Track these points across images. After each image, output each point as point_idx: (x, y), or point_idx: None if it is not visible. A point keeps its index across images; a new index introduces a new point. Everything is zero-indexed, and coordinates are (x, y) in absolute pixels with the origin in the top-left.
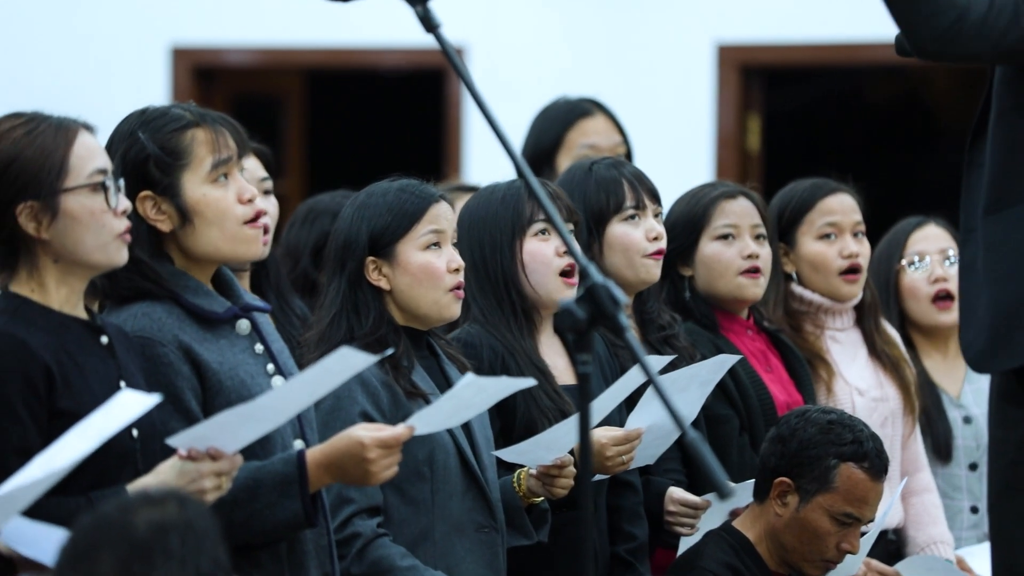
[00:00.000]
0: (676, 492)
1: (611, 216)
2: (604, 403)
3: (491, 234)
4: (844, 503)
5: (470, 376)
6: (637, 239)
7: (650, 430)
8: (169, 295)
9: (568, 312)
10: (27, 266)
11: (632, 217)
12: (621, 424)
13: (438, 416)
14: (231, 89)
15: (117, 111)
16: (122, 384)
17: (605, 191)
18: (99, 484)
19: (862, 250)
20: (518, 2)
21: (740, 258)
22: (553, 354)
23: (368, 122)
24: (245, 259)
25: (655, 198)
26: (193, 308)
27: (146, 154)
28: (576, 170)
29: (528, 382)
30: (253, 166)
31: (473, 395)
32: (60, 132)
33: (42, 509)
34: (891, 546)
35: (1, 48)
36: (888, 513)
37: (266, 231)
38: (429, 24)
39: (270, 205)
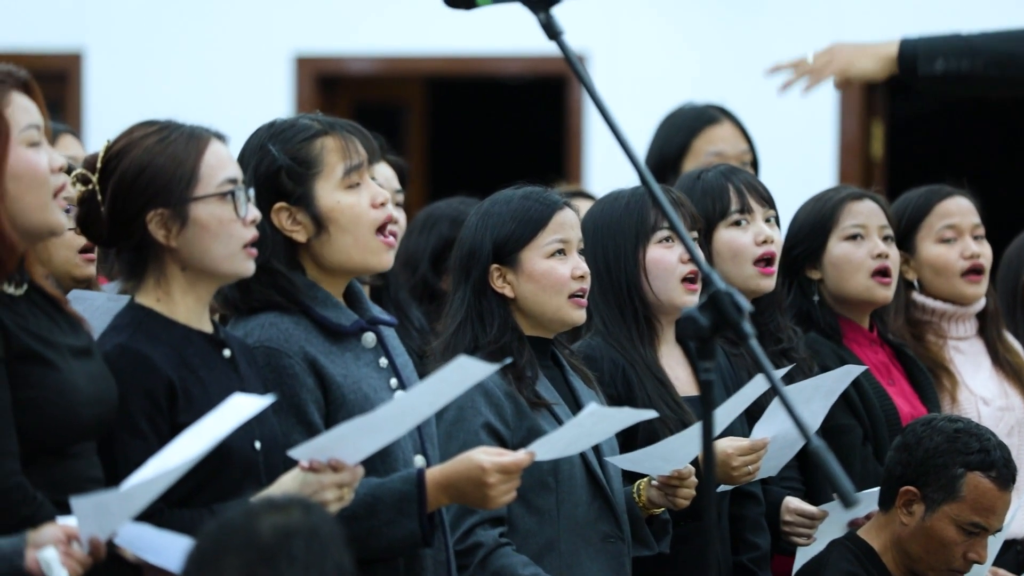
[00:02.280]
0: (792, 502)
1: (718, 221)
2: (726, 413)
3: (615, 241)
4: (971, 512)
5: (593, 405)
6: (745, 243)
7: (774, 440)
8: (299, 307)
9: (691, 319)
10: (155, 274)
11: (739, 222)
12: (743, 435)
13: (560, 443)
14: (353, 97)
15: (241, 120)
16: None
17: (711, 197)
18: (223, 496)
19: (983, 251)
20: (640, 9)
21: (870, 258)
22: (674, 364)
23: (489, 129)
24: (374, 269)
25: (766, 202)
26: (321, 320)
27: (278, 165)
28: (686, 178)
29: (650, 413)
30: (389, 176)
31: (596, 424)
32: (192, 141)
33: (166, 521)
34: (1021, 556)
35: (128, 59)
36: (1015, 522)
37: (395, 237)
38: (552, 31)
39: (400, 216)
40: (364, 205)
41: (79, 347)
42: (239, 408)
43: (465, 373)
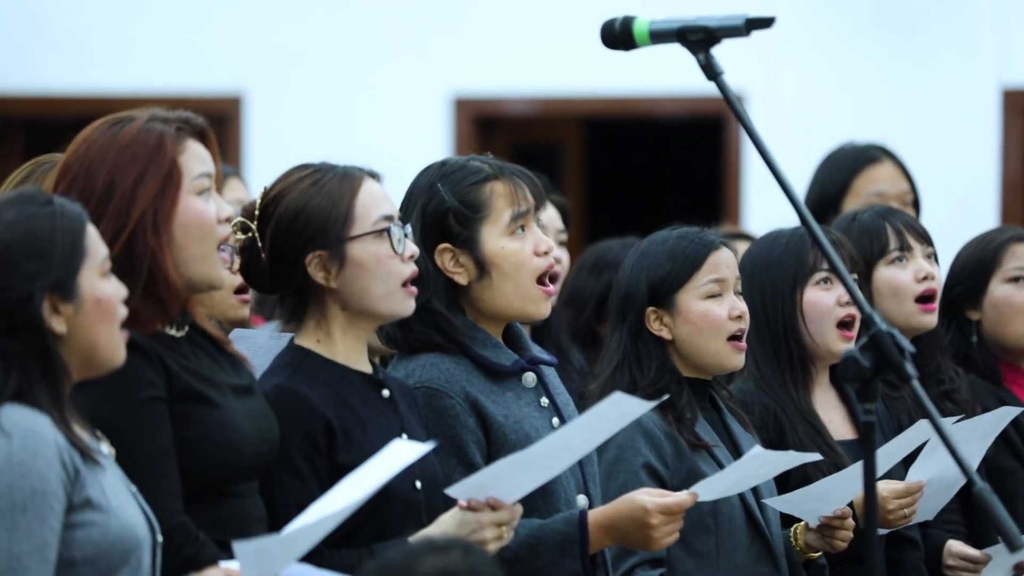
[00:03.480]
0: (955, 545)
1: (877, 260)
2: (886, 457)
3: (772, 281)
4: None
5: (757, 448)
6: (905, 281)
7: (931, 483)
8: (459, 347)
9: (853, 360)
10: (315, 316)
11: (899, 259)
12: (899, 478)
13: (722, 484)
14: (511, 138)
15: (400, 162)
16: (404, 437)
17: (868, 236)
18: (383, 536)
19: None
20: (798, 48)
21: None
22: (828, 408)
23: (646, 169)
24: (531, 318)
25: (925, 240)
26: (482, 360)
27: (446, 207)
28: (842, 220)
29: (814, 456)
30: (553, 216)
31: (758, 466)
32: (346, 181)
33: (326, 562)
34: None
35: (288, 102)
36: None
37: (554, 280)
38: (711, 72)
39: (563, 256)
40: (528, 252)
41: (241, 386)
42: (400, 454)
43: (621, 410)
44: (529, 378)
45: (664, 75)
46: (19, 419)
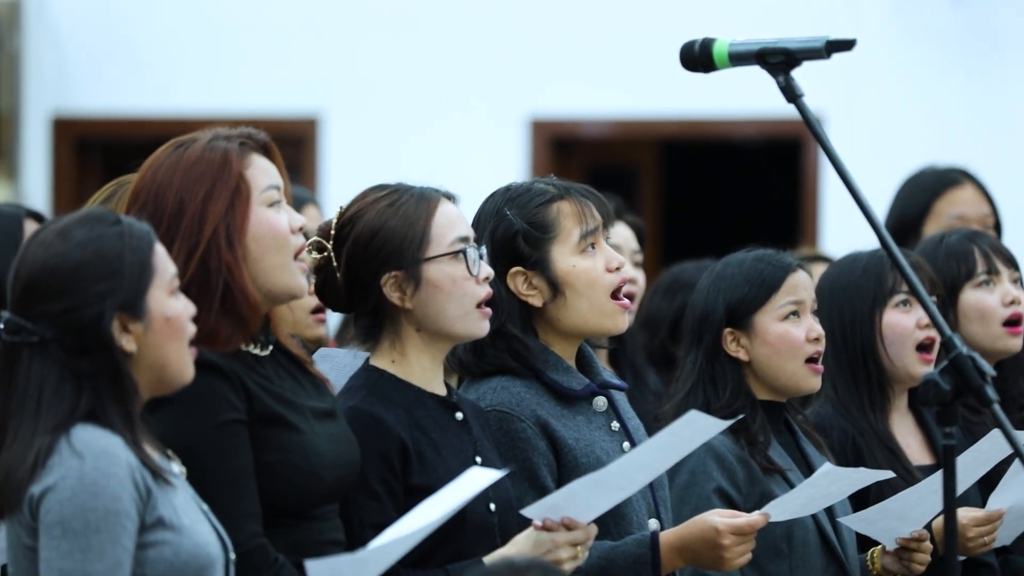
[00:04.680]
0: None
1: (963, 283)
2: (963, 472)
3: (851, 303)
4: None
5: (828, 466)
6: (993, 305)
7: (1011, 510)
8: (531, 371)
9: (933, 383)
10: (390, 336)
11: (986, 283)
12: (978, 505)
13: (794, 504)
14: (587, 160)
15: (476, 184)
16: (478, 460)
17: (955, 259)
18: (457, 557)
19: None
20: (877, 70)
21: None
22: (905, 433)
23: (723, 191)
24: (609, 332)
25: (1012, 264)
26: (553, 384)
27: (515, 230)
28: (928, 242)
29: (886, 474)
30: (628, 237)
31: (830, 484)
32: (422, 202)
33: None
34: None
35: (364, 124)
36: None
37: (631, 298)
38: (791, 94)
39: (639, 276)
40: (600, 269)
41: (322, 409)
42: (475, 479)
43: (696, 428)
44: (600, 402)
45: (741, 97)
46: (91, 440)
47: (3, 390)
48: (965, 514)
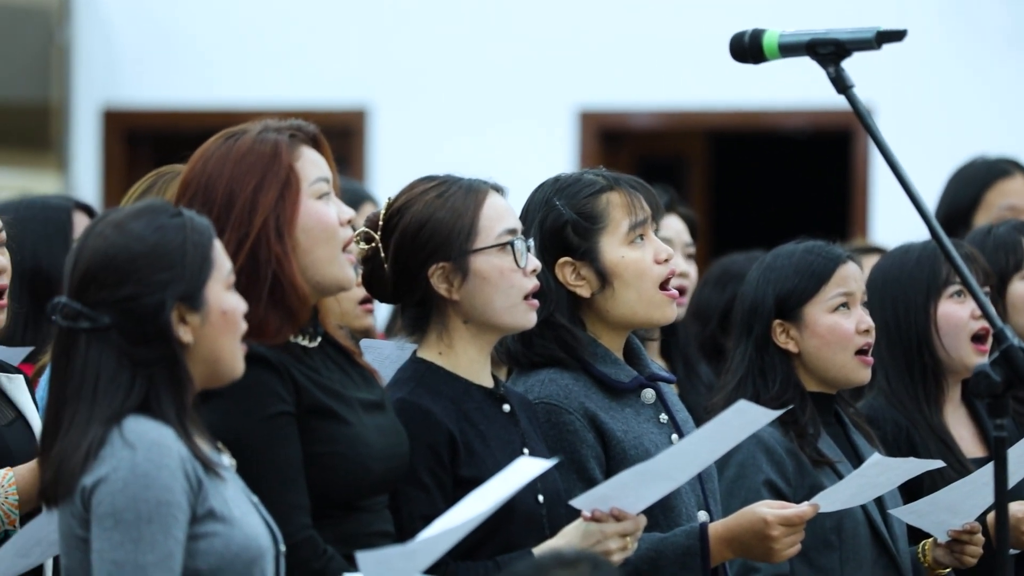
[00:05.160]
0: None
1: (1012, 274)
2: (1016, 462)
3: (905, 295)
4: None
5: (877, 456)
6: None
7: None
8: (579, 363)
9: (984, 375)
10: (437, 328)
11: None
12: None
13: (843, 494)
14: (636, 152)
15: (524, 175)
16: (525, 452)
17: (1004, 250)
18: (507, 548)
19: None
20: (927, 60)
21: None
22: (958, 425)
23: (772, 182)
24: (658, 323)
25: None
26: (601, 376)
27: (563, 220)
28: (977, 233)
29: (936, 463)
30: (680, 230)
31: (879, 474)
32: (470, 194)
33: (451, 573)
34: None
35: (412, 116)
36: None
37: (683, 292)
38: (841, 85)
39: (691, 269)
40: (648, 260)
41: (371, 401)
42: (524, 470)
43: (745, 418)
44: (648, 394)
45: (790, 88)
46: (143, 431)
47: (59, 376)
48: (1019, 507)
